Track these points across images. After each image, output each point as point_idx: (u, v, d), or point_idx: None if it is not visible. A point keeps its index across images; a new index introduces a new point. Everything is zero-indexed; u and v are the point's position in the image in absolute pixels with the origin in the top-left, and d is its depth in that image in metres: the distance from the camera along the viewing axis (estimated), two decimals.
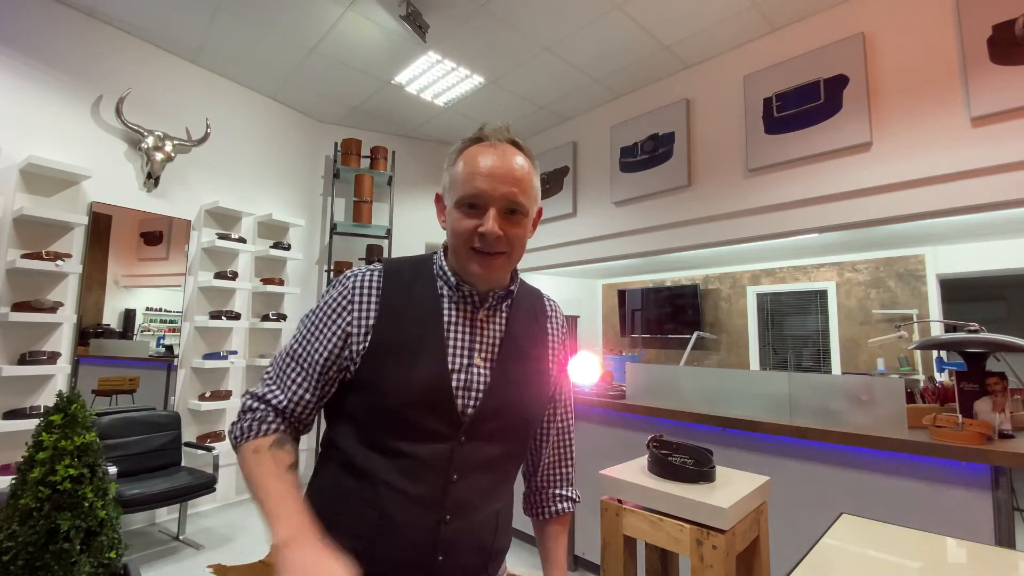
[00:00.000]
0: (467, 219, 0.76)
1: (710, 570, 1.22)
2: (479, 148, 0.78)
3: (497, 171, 0.75)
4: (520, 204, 0.77)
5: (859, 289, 4.76)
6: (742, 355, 5.46)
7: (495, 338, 0.83)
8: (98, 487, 1.63)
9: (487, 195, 0.75)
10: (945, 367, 3.97)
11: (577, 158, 4.46)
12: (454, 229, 0.77)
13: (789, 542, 2.01)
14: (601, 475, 1.51)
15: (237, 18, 3.16)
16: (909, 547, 1.04)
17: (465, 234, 0.76)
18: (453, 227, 0.78)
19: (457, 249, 0.78)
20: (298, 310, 4.24)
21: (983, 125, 2.40)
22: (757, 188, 3.18)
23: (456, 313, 0.81)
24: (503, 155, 0.77)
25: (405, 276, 0.81)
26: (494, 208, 0.75)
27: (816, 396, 2.08)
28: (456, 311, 0.81)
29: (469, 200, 0.75)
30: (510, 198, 0.75)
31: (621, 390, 2.76)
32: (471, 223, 0.75)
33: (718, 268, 5.67)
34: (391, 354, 0.76)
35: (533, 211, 0.81)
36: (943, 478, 1.72)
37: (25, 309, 2.70)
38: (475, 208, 0.75)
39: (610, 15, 3.06)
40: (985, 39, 2.38)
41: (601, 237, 4.17)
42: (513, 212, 0.77)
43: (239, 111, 3.94)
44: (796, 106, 3.01)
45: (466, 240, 0.76)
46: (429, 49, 3.42)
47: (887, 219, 2.70)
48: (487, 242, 0.75)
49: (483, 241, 0.75)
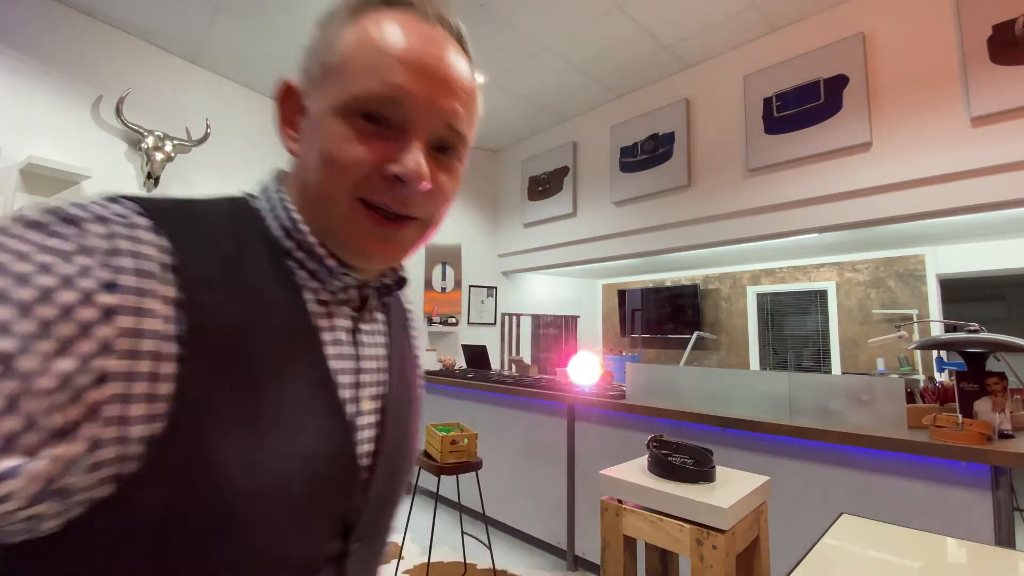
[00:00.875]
0: (362, 142, 0.41)
1: (710, 570, 1.22)
2: (399, 16, 0.43)
3: (434, 65, 0.42)
4: (462, 136, 0.45)
5: (859, 289, 4.76)
6: (742, 355, 5.46)
7: (379, 361, 0.51)
8: None
9: (415, 103, 0.41)
10: (945, 367, 3.97)
11: (577, 158, 4.46)
12: (332, 157, 0.41)
13: (789, 542, 2.01)
14: (601, 475, 1.51)
15: (237, 18, 3.16)
16: (909, 547, 1.04)
17: (356, 170, 0.41)
18: (330, 153, 0.41)
19: (331, 198, 0.42)
20: None
21: (983, 125, 2.40)
22: (757, 188, 3.17)
23: (330, 322, 0.46)
24: (441, 43, 0.44)
25: (223, 246, 0.40)
26: (423, 132, 0.42)
27: (816, 396, 2.07)
28: (329, 318, 0.46)
29: (376, 105, 0.41)
30: (451, 119, 0.43)
31: (621, 390, 2.76)
32: (371, 151, 0.41)
33: (718, 268, 5.67)
34: (226, 418, 0.35)
35: (466, 158, 0.49)
36: (943, 478, 1.71)
37: None
38: (382, 125, 0.41)
39: (610, 15, 3.06)
40: (985, 39, 2.38)
41: (601, 237, 4.17)
42: (446, 150, 0.45)
43: (239, 111, 3.94)
44: (796, 106, 3.01)
45: (357, 184, 0.41)
46: None
47: (887, 219, 2.70)
48: (401, 195, 0.42)
49: (392, 192, 0.41)
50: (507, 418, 3.24)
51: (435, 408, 3.89)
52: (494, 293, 5.16)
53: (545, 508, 2.91)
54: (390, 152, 0.41)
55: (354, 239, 0.43)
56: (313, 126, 0.43)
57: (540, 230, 4.75)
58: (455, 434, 2.37)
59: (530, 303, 5.56)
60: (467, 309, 4.98)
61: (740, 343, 5.49)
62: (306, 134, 0.44)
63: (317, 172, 0.42)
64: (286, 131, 0.47)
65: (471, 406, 3.54)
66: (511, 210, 5.11)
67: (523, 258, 4.98)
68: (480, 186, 5.24)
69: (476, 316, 5.03)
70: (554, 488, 2.88)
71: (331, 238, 0.44)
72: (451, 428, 2.47)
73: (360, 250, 0.44)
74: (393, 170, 0.41)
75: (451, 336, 4.89)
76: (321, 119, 0.42)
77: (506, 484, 3.18)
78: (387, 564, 2.69)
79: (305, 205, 0.45)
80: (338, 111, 0.41)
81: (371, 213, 0.42)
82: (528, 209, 4.86)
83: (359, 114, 0.41)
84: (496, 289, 5.18)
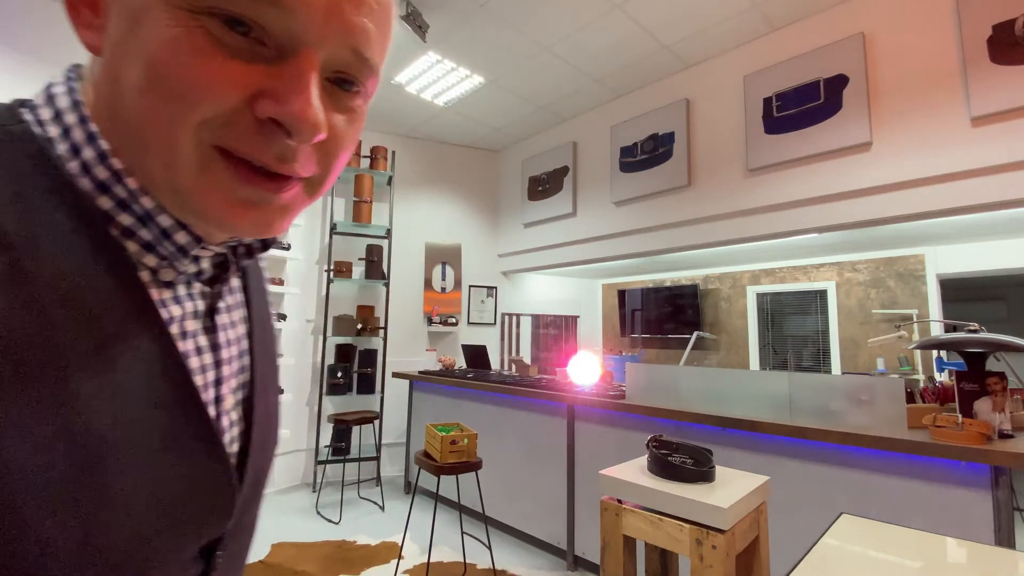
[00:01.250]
0: (221, 61, 0.27)
1: (710, 570, 1.22)
2: None
3: None
4: (372, 67, 0.32)
5: (859, 289, 4.76)
6: (742, 355, 5.46)
7: (240, 344, 0.40)
8: None
9: (311, 11, 0.28)
10: (945, 367, 3.97)
11: (577, 158, 4.46)
12: (168, 77, 0.26)
13: (789, 542, 2.01)
14: (601, 475, 1.51)
15: None
16: (909, 547, 1.04)
17: (210, 104, 0.27)
18: (165, 70, 0.26)
19: (166, 142, 0.27)
20: (298, 310, 4.25)
21: (983, 125, 2.40)
22: (757, 188, 3.18)
23: (180, 309, 0.34)
24: None
25: None
26: (317, 56, 0.29)
27: (816, 396, 2.08)
28: (178, 304, 0.34)
29: (250, 7, 0.26)
30: (360, 41, 0.30)
31: (621, 390, 2.76)
32: (236, 77, 0.27)
33: (718, 268, 5.67)
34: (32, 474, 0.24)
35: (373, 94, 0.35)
36: (943, 478, 1.72)
37: None
38: (253, 39, 0.28)
39: (610, 15, 3.06)
40: (985, 39, 2.38)
41: (601, 237, 4.17)
42: (345, 83, 0.32)
43: None
44: (796, 106, 3.01)
45: (210, 126, 0.27)
46: (429, 49, 3.42)
47: (887, 219, 2.70)
48: (281, 148, 0.29)
49: (268, 142, 0.29)
50: (507, 418, 3.24)
51: (435, 408, 3.89)
52: (494, 293, 5.16)
53: (545, 508, 2.91)
54: (266, 82, 0.28)
55: (210, 205, 0.29)
56: (134, 15, 0.27)
57: (540, 230, 4.76)
58: (455, 434, 2.37)
59: (530, 303, 5.56)
60: (467, 309, 4.98)
61: (740, 343, 5.49)
62: (119, 23, 0.27)
63: (139, 96, 0.27)
64: (77, 10, 0.29)
65: (471, 406, 3.54)
66: (511, 210, 5.11)
67: (523, 258, 4.98)
68: (480, 186, 5.24)
69: (476, 316, 5.03)
70: (554, 488, 2.88)
71: (170, 197, 0.29)
72: (451, 428, 2.47)
73: (219, 219, 0.30)
74: (271, 111, 0.28)
75: (451, 336, 4.89)
76: (151, 7, 0.26)
77: (506, 484, 3.18)
78: (387, 564, 2.70)
79: (120, 140, 0.29)
80: (184, 2, 0.26)
81: (234, 166, 0.29)
82: (528, 209, 4.86)
83: (220, 16, 0.26)
84: (496, 289, 5.18)
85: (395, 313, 4.58)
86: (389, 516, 3.47)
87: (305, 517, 3.43)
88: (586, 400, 2.71)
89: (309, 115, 0.28)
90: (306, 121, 0.28)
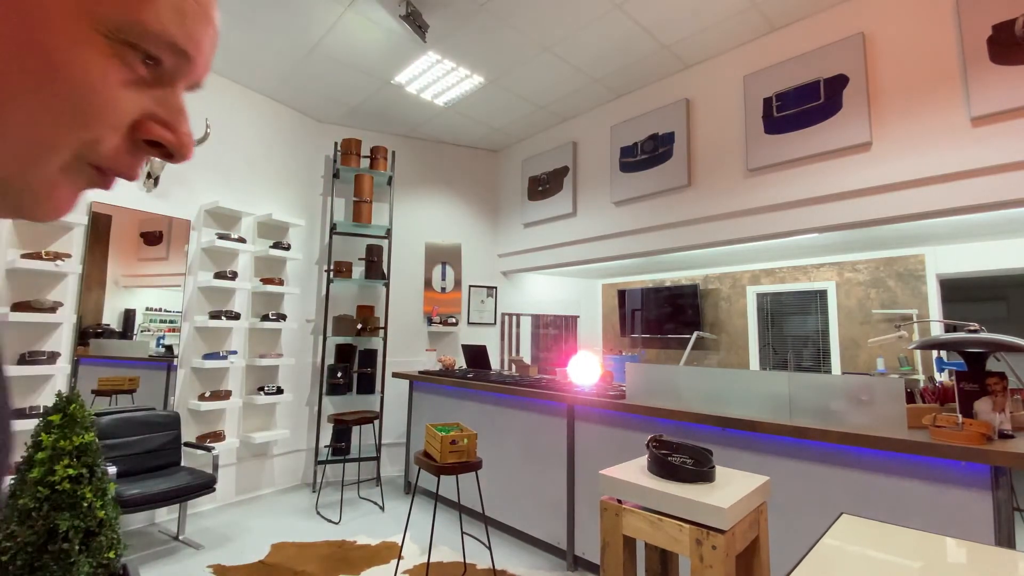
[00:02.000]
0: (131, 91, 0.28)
1: (710, 570, 1.22)
2: None
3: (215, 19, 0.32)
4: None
5: (859, 289, 4.76)
6: (742, 355, 5.46)
7: None
8: (97, 487, 1.63)
9: (202, 66, 0.32)
10: (945, 367, 3.97)
11: (577, 158, 4.46)
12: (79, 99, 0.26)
13: (789, 542, 2.01)
14: (601, 475, 1.51)
15: (236, 18, 3.15)
16: (909, 547, 1.03)
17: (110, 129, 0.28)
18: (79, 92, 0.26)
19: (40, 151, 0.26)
20: (298, 310, 4.24)
21: (983, 125, 2.40)
22: (757, 188, 3.17)
23: None
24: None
25: None
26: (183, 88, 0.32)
27: (816, 396, 2.07)
28: None
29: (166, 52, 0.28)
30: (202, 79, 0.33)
31: (621, 390, 2.76)
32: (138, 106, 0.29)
33: (718, 268, 5.67)
34: None
35: None
36: (943, 478, 1.71)
37: (25, 309, 2.70)
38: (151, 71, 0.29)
39: (610, 15, 3.06)
40: (985, 39, 2.38)
41: (601, 237, 4.17)
42: None
43: (239, 111, 3.94)
44: (796, 106, 3.01)
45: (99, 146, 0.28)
46: (429, 49, 3.42)
47: (887, 219, 2.70)
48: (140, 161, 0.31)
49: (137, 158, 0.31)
50: (507, 418, 3.24)
51: (435, 408, 3.89)
52: (494, 293, 5.16)
53: (545, 508, 2.91)
54: (152, 106, 0.29)
55: (52, 203, 0.29)
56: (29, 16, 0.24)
57: (540, 230, 4.76)
58: (455, 434, 2.37)
59: (530, 303, 5.56)
60: (467, 309, 4.98)
61: (740, 343, 5.49)
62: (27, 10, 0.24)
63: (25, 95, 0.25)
64: None
65: (471, 406, 3.54)
66: (511, 210, 5.11)
67: (523, 258, 4.98)
68: (480, 186, 5.24)
69: (476, 316, 5.02)
70: (554, 488, 2.88)
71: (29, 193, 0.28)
72: (451, 428, 2.47)
73: (52, 212, 0.29)
74: (157, 135, 0.29)
75: (451, 336, 4.89)
76: (60, 19, 0.25)
77: (506, 484, 3.18)
78: (387, 564, 2.70)
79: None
80: (105, 29, 0.26)
81: (99, 176, 0.30)
82: (528, 209, 4.86)
83: (138, 51, 0.27)
84: (496, 289, 5.18)
85: (395, 313, 4.58)
86: (389, 516, 3.47)
87: (305, 517, 3.43)
88: (586, 400, 2.71)
89: (191, 142, 0.32)
90: (190, 147, 0.32)
